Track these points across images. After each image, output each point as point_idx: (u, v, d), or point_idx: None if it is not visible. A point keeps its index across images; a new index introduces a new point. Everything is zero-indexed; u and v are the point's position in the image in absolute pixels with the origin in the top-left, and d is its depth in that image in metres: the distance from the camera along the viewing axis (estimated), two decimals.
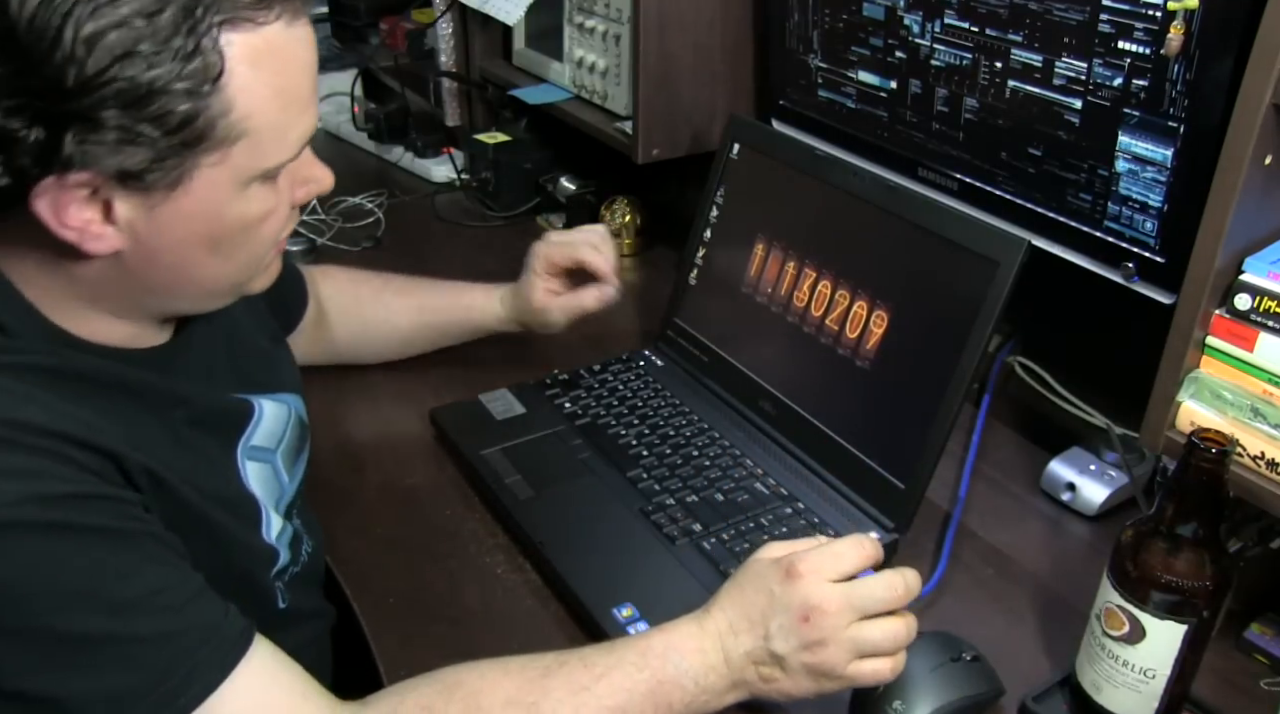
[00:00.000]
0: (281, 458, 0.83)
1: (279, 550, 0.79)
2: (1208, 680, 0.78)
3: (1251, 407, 0.75)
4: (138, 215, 0.61)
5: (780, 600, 0.70)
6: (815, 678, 0.70)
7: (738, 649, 0.70)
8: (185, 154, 0.59)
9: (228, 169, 0.62)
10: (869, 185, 1.01)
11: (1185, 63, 0.82)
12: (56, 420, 0.60)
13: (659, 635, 0.72)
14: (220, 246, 0.66)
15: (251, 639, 0.65)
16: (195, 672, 0.61)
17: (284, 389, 0.86)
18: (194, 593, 0.64)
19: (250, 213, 0.66)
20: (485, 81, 1.68)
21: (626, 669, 0.69)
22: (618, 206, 1.53)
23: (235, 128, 0.60)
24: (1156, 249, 0.90)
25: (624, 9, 1.30)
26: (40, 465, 0.59)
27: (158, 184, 0.60)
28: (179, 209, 0.62)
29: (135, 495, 0.64)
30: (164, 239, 0.63)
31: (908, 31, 1.05)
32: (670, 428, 1.08)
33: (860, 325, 0.99)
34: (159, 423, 0.69)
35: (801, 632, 0.69)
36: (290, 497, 0.85)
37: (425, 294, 1.15)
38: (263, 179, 0.65)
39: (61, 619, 0.58)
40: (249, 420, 0.80)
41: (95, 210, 0.60)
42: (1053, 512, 1.02)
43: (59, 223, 0.60)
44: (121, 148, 0.57)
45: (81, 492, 0.60)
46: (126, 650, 0.60)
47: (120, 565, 0.60)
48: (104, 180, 0.59)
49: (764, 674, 0.70)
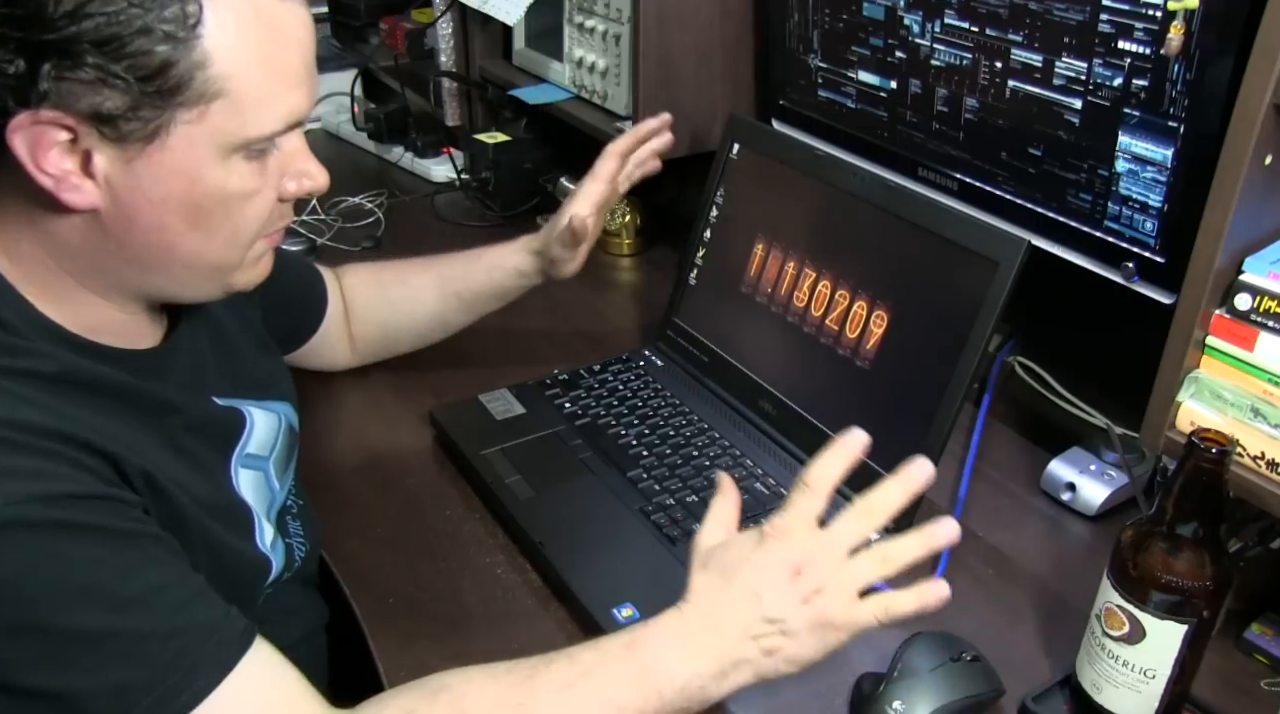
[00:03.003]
0: (273, 466, 0.83)
1: (271, 560, 0.79)
2: (1208, 680, 0.78)
3: (1251, 407, 0.75)
4: (115, 170, 0.62)
5: (765, 564, 0.68)
6: (820, 632, 0.67)
7: (732, 628, 0.67)
8: (162, 106, 0.60)
9: (206, 130, 0.62)
10: (869, 185, 1.01)
11: (1185, 63, 0.82)
12: (57, 422, 0.60)
13: (643, 629, 0.70)
14: (199, 218, 0.65)
15: (253, 639, 0.65)
16: (197, 669, 0.61)
17: (273, 397, 0.86)
18: (195, 592, 0.64)
19: (230, 185, 0.65)
20: (485, 81, 1.68)
21: (612, 662, 0.68)
22: (618, 206, 1.53)
23: (213, 84, 0.61)
24: (1156, 249, 0.90)
25: (624, 9, 1.30)
26: (43, 466, 0.59)
27: (134, 135, 0.60)
28: (157, 166, 0.62)
29: (135, 497, 0.64)
30: (141, 199, 0.63)
31: (908, 31, 1.05)
32: (670, 428, 1.08)
33: (860, 325, 0.99)
34: (154, 429, 0.69)
35: (796, 586, 0.67)
36: (280, 504, 0.85)
37: (444, 265, 1.13)
38: (246, 154, 0.65)
39: (65, 616, 0.58)
40: (242, 428, 0.80)
41: (74, 161, 0.61)
42: (1053, 512, 1.02)
43: (36, 166, 0.60)
44: (97, 89, 0.58)
45: (84, 492, 0.60)
46: (129, 646, 0.60)
47: (122, 564, 0.61)
48: (81, 124, 0.59)
49: (766, 646, 0.67)
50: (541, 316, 1.33)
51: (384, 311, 1.13)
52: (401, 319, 1.14)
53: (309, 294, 1.06)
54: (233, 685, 0.62)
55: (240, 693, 0.62)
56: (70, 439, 0.61)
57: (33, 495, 0.58)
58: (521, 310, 1.16)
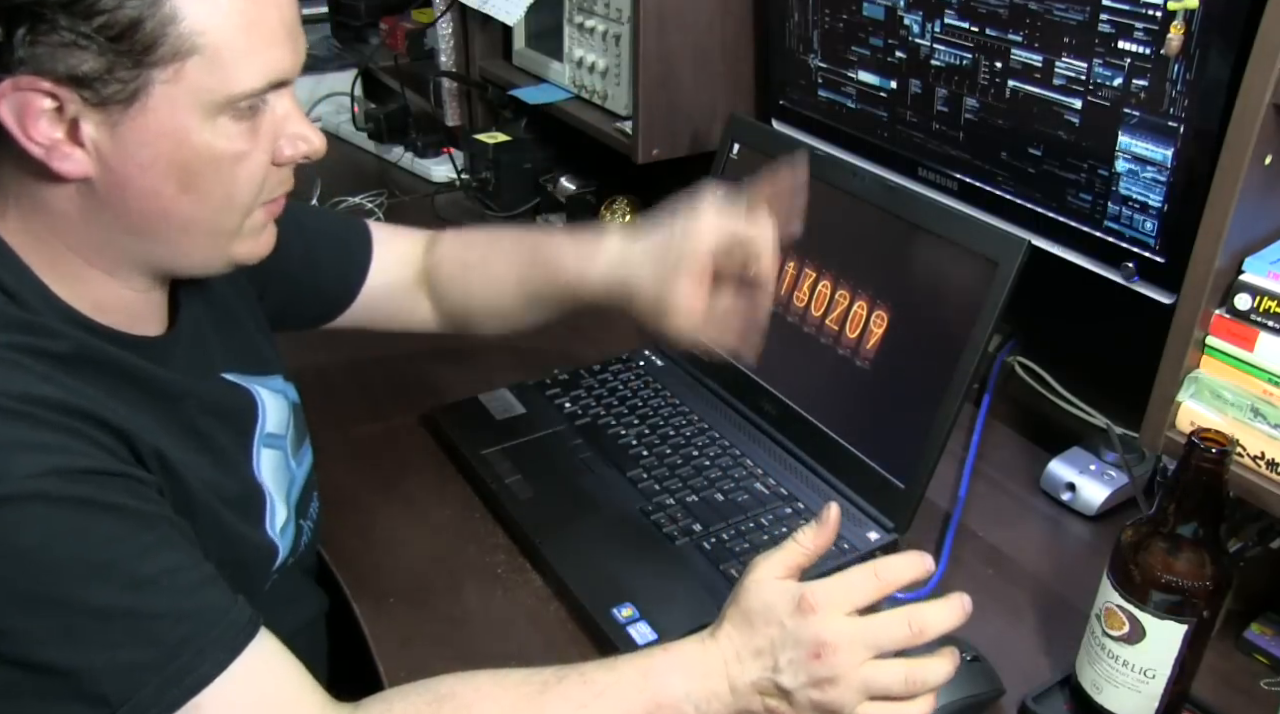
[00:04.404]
0: (289, 445, 0.83)
1: (278, 545, 0.79)
2: (1208, 680, 0.78)
3: (1251, 407, 0.75)
4: (102, 136, 0.62)
5: (791, 634, 0.67)
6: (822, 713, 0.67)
7: (744, 678, 0.68)
8: (137, 65, 0.60)
9: (185, 89, 0.62)
10: (869, 185, 1.01)
11: (1185, 63, 0.82)
12: (76, 399, 0.61)
13: (662, 655, 0.69)
14: (190, 181, 0.65)
15: (258, 628, 0.65)
16: (205, 652, 0.61)
17: (273, 372, 0.86)
18: (206, 577, 0.64)
19: (218, 147, 0.65)
20: (485, 81, 1.68)
21: (626, 689, 0.67)
22: (618, 206, 1.53)
23: (185, 41, 0.60)
24: (1156, 249, 0.90)
25: (624, 9, 1.30)
26: (61, 441, 0.59)
27: (115, 98, 0.60)
28: (143, 129, 0.62)
29: (150, 477, 0.65)
30: (131, 164, 0.63)
31: (908, 31, 1.05)
32: (670, 428, 1.08)
33: (860, 325, 0.99)
34: (167, 413, 0.70)
35: (811, 668, 0.66)
36: (301, 485, 0.85)
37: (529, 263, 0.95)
38: (234, 114, 0.64)
39: (80, 590, 0.59)
40: (257, 409, 0.80)
41: (61, 129, 0.61)
42: (1053, 512, 1.02)
43: (25, 135, 0.60)
44: (71, 50, 0.58)
45: (102, 467, 0.61)
46: (142, 625, 0.60)
47: (139, 544, 0.61)
48: (61, 88, 0.59)
49: (770, 706, 0.68)
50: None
51: (461, 295, 1.01)
52: (478, 305, 1.00)
53: (352, 251, 0.99)
54: (237, 671, 0.62)
55: (244, 679, 0.63)
56: (88, 416, 0.61)
57: (52, 469, 0.58)
58: None
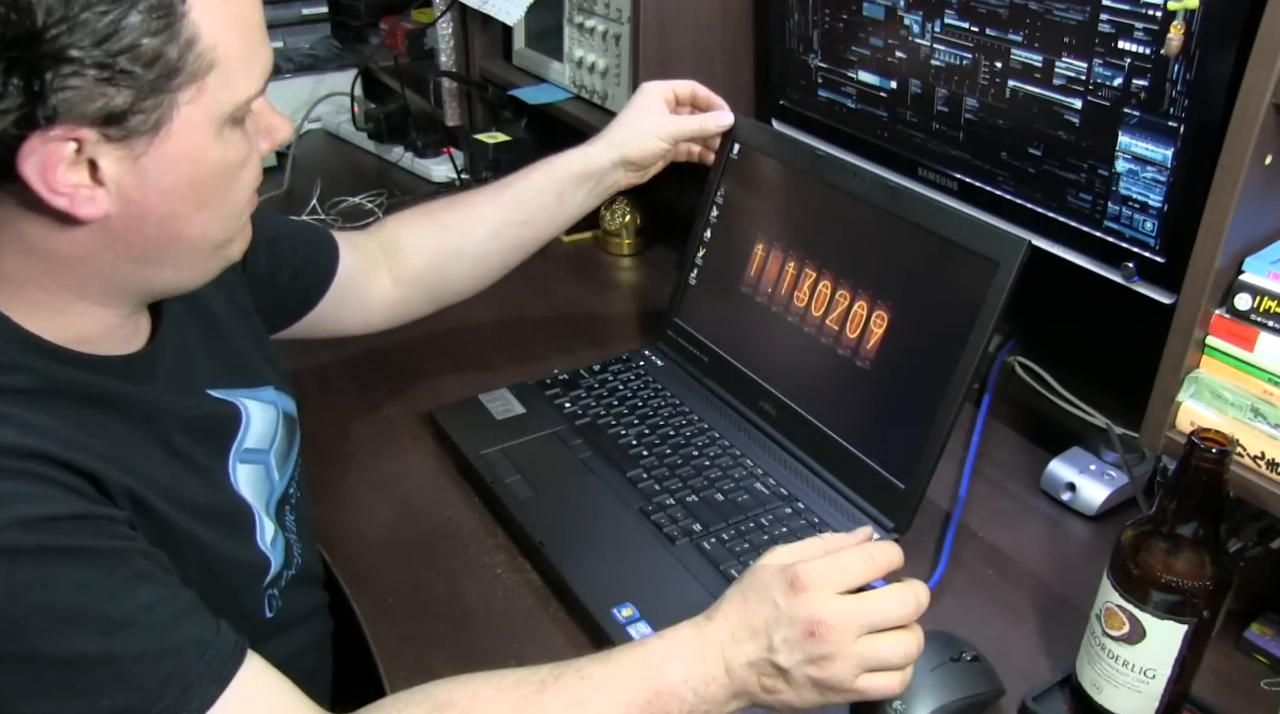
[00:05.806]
0: (274, 458, 0.83)
1: (270, 558, 0.78)
2: (1208, 680, 0.78)
3: (1251, 407, 0.75)
4: (124, 170, 0.61)
5: (785, 613, 0.67)
6: (821, 691, 0.68)
7: (739, 659, 0.68)
8: (163, 91, 0.59)
9: (203, 107, 0.62)
10: (869, 185, 1.01)
11: (1185, 63, 0.82)
12: (34, 440, 0.59)
13: (657, 643, 0.69)
14: (204, 197, 0.65)
15: (245, 654, 0.64)
16: (192, 688, 0.60)
17: (266, 383, 0.85)
18: (185, 608, 0.63)
19: (230, 158, 0.65)
20: (485, 81, 1.68)
21: (624, 680, 0.67)
22: (618, 206, 1.53)
23: (205, 57, 0.60)
24: (1156, 249, 0.90)
25: (624, 9, 1.30)
26: (19, 489, 0.58)
27: (140, 129, 0.60)
28: (164, 156, 0.62)
29: (119, 513, 0.63)
30: (151, 192, 0.63)
31: (908, 31, 1.05)
32: (670, 428, 1.08)
33: (860, 325, 0.99)
34: (145, 434, 0.68)
35: (807, 646, 0.66)
36: (280, 494, 0.83)
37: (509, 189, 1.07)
38: (233, 122, 0.65)
39: (53, 643, 0.57)
40: (239, 424, 0.79)
41: (82, 173, 0.60)
42: (1053, 512, 1.02)
43: (49, 188, 0.59)
44: (103, 88, 0.57)
45: (65, 513, 0.59)
46: (122, 670, 0.59)
47: (109, 585, 0.60)
48: (88, 132, 0.58)
49: (767, 685, 0.68)
50: (541, 317, 1.33)
51: (435, 237, 1.05)
52: (455, 240, 1.05)
53: (319, 253, 1.00)
54: (229, 702, 0.61)
55: (236, 709, 0.62)
56: (49, 458, 0.59)
57: (11, 521, 0.56)
58: (521, 310, 1.16)
